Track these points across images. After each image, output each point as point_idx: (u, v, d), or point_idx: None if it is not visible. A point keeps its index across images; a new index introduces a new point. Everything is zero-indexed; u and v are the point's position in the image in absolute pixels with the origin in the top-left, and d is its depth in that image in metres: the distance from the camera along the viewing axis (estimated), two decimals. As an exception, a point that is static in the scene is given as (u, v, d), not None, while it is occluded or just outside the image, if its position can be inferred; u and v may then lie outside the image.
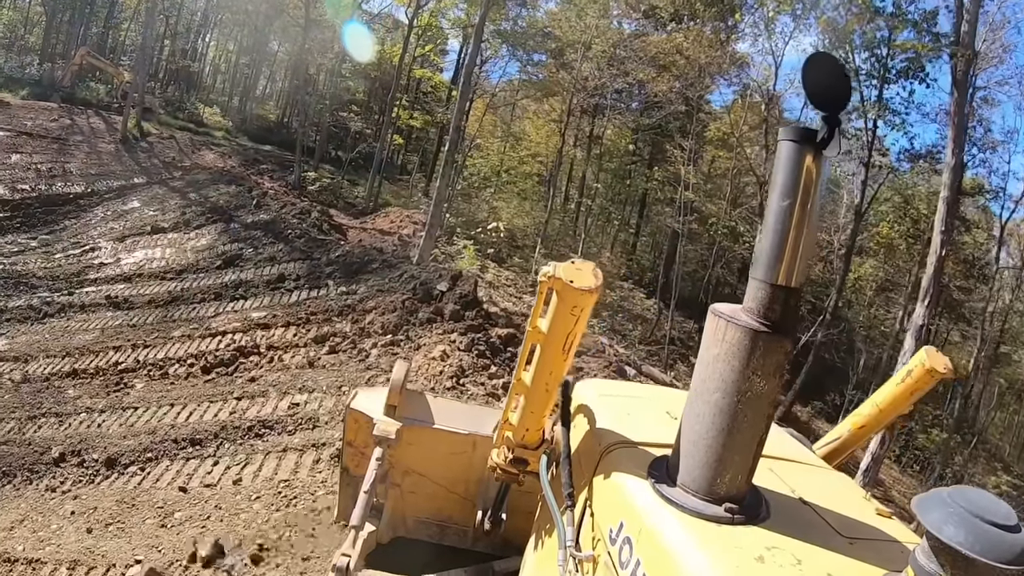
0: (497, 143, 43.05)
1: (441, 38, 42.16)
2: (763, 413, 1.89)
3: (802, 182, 1.83)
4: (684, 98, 31.67)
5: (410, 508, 4.00)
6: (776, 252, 1.87)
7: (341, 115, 39.44)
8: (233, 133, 40.27)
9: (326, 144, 37.43)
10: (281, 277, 14.33)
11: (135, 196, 22.28)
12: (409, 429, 3.63)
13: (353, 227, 25.36)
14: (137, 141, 28.70)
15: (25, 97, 31.00)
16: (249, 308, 13.00)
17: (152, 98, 38.22)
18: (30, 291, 13.96)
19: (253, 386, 9.52)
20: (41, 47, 39.74)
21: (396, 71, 34.08)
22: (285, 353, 10.74)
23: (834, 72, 1.84)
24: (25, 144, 24.88)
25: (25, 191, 21.79)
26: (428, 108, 44.32)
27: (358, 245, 17.29)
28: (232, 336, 11.55)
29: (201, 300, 13.74)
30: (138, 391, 10.07)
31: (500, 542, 3.87)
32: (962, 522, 1.36)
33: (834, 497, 2.26)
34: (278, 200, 20.93)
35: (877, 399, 3.32)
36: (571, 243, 35.31)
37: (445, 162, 20.14)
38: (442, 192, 20.04)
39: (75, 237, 18.47)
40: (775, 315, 1.86)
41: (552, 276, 2.13)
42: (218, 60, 57.64)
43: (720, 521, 1.87)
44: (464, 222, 31.83)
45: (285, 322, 11.94)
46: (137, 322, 12.69)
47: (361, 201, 32.93)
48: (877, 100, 26.22)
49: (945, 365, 3.04)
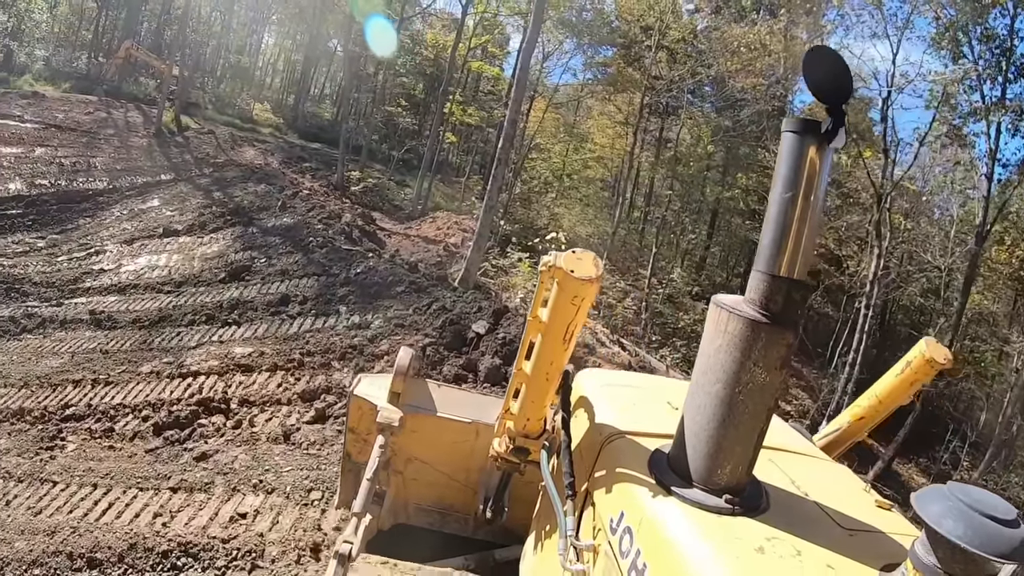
0: (560, 145, 39.49)
1: (499, 27, 39.01)
2: (764, 405, 1.89)
3: (805, 174, 1.82)
4: (771, 96, 28.02)
5: (412, 495, 3.98)
6: (778, 244, 1.85)
7: (388, 110, 36.90)
8: (283, 130, 39.00)
9: (373, 141, 35.18)
10: (285, 299, 11.68)
11: (157, 194, 20.34)
12: (412, 417, 3.61)
13: (396, 233, 22.87)
14: (172, 136, 26.97)
15: (67, 90, 29.99)
16: (238, 339, 10.48)
17: (199, 93, 37.18)
18: (20, 299, 12.64)
19: (199, 470, 6.81)
20: (90, 42, 38.81)
21: (449, 62, 31.04)
22: (260, 413, 8.03)
23: (836, 64, 1.83)
24: (52, 137, 23.45)
25: (44, 186, 20.45)
26: (486, 105, 41.21)
27: (387, 260, 14.40)
28: (204, 380, 9.11)
29: (189, 323, 11.52)
30: (69, 454, 7.82)
31: (501, 531, 3.81)
32: (961, 516, 1.36)
33: (834, 489, 2.27)
34: (307, 202, 18.51)
35: (877, 390, 3.28)
36: (638, 256, 31.77)
37: (497, 161, 17.02)
38: (494, 197, 16.98)
39: (85, 238, 17.02)
40: (776, 307, 1.85)
41: (553, 265, 2.14)
42: (275, 58, 56.68)
43: (720, 512, 1.86)
44: (521, 230, 28.62)
45: (272, 364, 9.25)
46: (111, 348, 10.61)
47: (409, 204, 30.22)
48: (999, 100, 21.48)
49: (945, 356, 3.00)
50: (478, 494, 3.65)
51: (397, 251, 18.83)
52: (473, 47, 35.84)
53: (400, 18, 33.81)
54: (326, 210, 18.21)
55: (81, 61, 37.45)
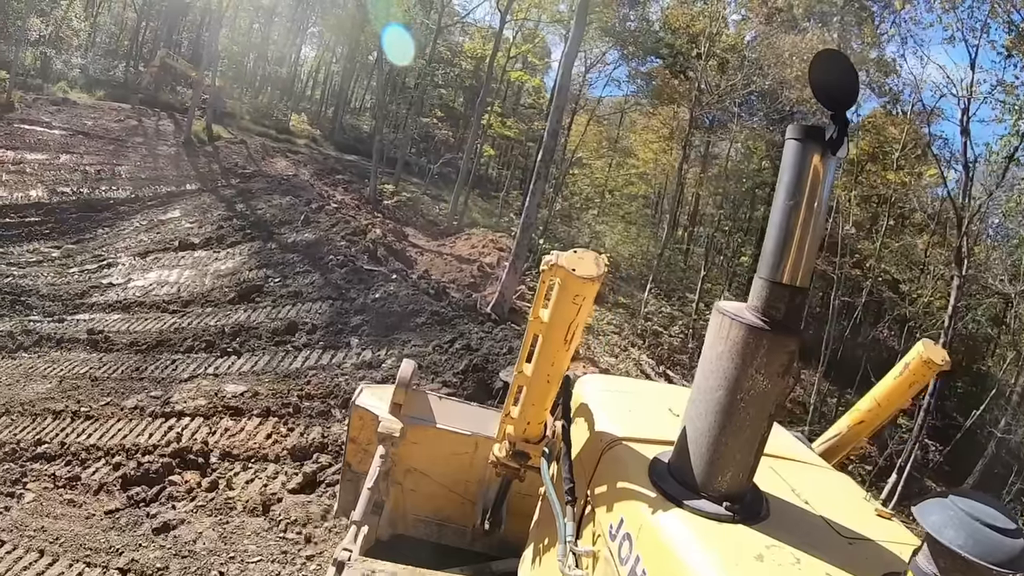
0: (602, 160, 37.70)
1: (539, 37, 37.57)
2: (765, 412, 1.87)
3: (809, 181, 1.81)
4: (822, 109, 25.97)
5: (411, 506, 3.96)
6: (781, 251, 1.84)
7: (424, 120, 35.74)
8: (319, 142, 38.29)
9: (410, 154, 34.08)
10: (292, 327, 10.44)
11: (179, 204, 19.46)
12: (413, 428, 3.60)
13: (428, 250, 21.59)
14: (202, 145, 26.16)
15: (102, 98, 29.53)
16: (234, 372, 9.40)
17: (235, 103, 36.73)
18: (24, 312, 12.22)
19: (155, 548, 5.88)
20: (128, 50, 38.78)
21: (487, 71, 29.70)
22: (241, 472, 6.92)
23: (842, 69, 1.80)
24: (79, 144, 22.86)
25: (65, 194, 19.86)
26: (526, 118, 39.70)
27: (411, 284, 13.04)
28: (187, 423, 8.14)
29: (187, 350, 10.64)
30: (26, 506, 6.93)
31: (498, 543, 3.79)
32: (962, 526, 1.37)
33: (834, 497, 2.27)
34: (332, 216, 17.29)
35: (875, 394, 3.23)
36: (684, 278, 29.80)
37: (537, 175, 15.57)
38: (532, 214, 15.53)
39: (100, 249, 16.59)
40: (779, 314, 1.85)
41: (554, 265, 2.12)
42: (315, 70, 56.49)
43: (720, 519, 1.85)
44: (561, 249, 26.96)
45: (264, 408, 8.02)
46: (101, 374, 9.82)
47: (444, 219, 28.85)
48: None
49: (943, 357, 2.98)
50: (476, 506, 3.69)
51: (427, 271, 17.57)
52: (513, 55, 34.52)
53: (437, 27, 32.73)
54: (351, 225, 17.09)
55: (119, 70, 37.31)
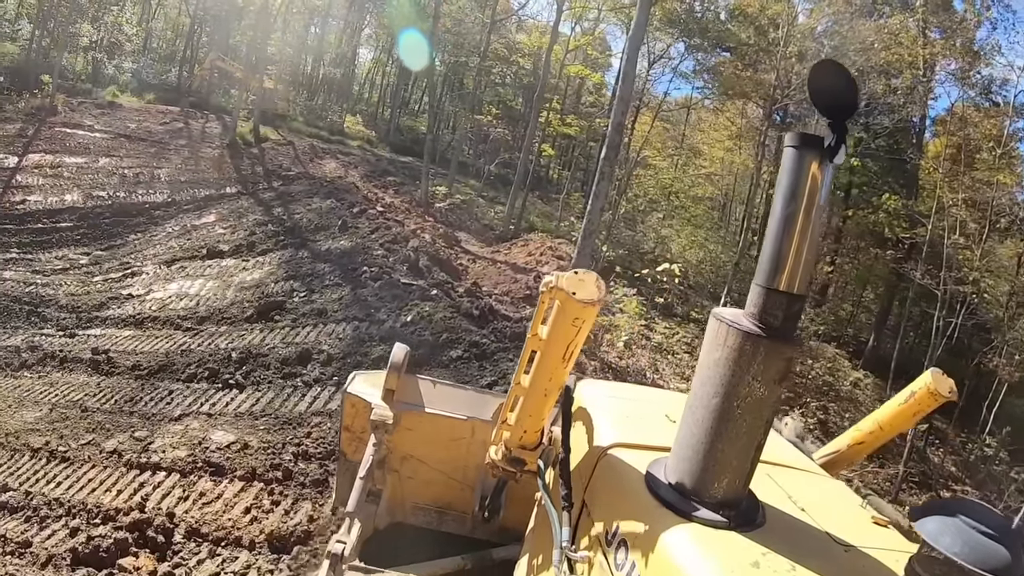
0: (667, 161, 35.17)
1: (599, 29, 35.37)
2: (762, 419, 1.87)
3: (807, 189, 1.81)
4: (910, 102, 23.95)
5: (408, 494, 3.86)
6: (778, 258, 1.85)
7: (478, 118, 34.06)
8: (374, 143, 37.34)
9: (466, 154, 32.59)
10: (305, 356, 8.85)
11: (216, 209, 18.37)
12: (407, 414, 3.53)
13: (481, 257, 19.98)
14: (247, 147, 25.17)
15: (151, 101, 29.10)
16: (230, 413, 8.32)
17: (289, 104, 36.12)
18: (38, 325, 11.65)
19: None
20: (182, 54, 38.69)
21: (544, 65, 27.70)
22: (207, 560, 5.62)
23: (841, 78, 1.80)
24: (120, 147, 22.19)
25: (101, 198, 18.98)
26: (586, 116, 37.44)
27: (450, 305, 11.11)
28: (161, 480, 6.77)
29: (189, 378, 9.29)
30: None
31: (499, 530, 3.73)
32: (958, 532, 1.38)
33: (830, 504, 2.26)
34: (373, 222, 15.72)
35: (879, 417, 3.22)
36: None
37: (600, 175, 13.55)
38: (595, 219, 13.56)
39: (128, 256, 15.89)
40: (776, 321, 1.84)
41: (554, 287, 2.10)
42: (373, 72, 55.99)
43: (716, 526, 1.85)
44: (625, 255, 24.68)
45: (250, 470, 6.91)
46: (93, 404, 8.79)
47: (500, 223, 27.04)
48: None
49: (950, 389, 2.96)
50: (475, 492, 3.64)
51: (476, 283, 15.69)
52: (572, 49, 32.46)
53: (491, 21, 31.03)
54: (392, 232, 15.40)
55: (172, 73, 37.10)
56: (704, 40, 30.69)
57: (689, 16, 30.18)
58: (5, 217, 16.87)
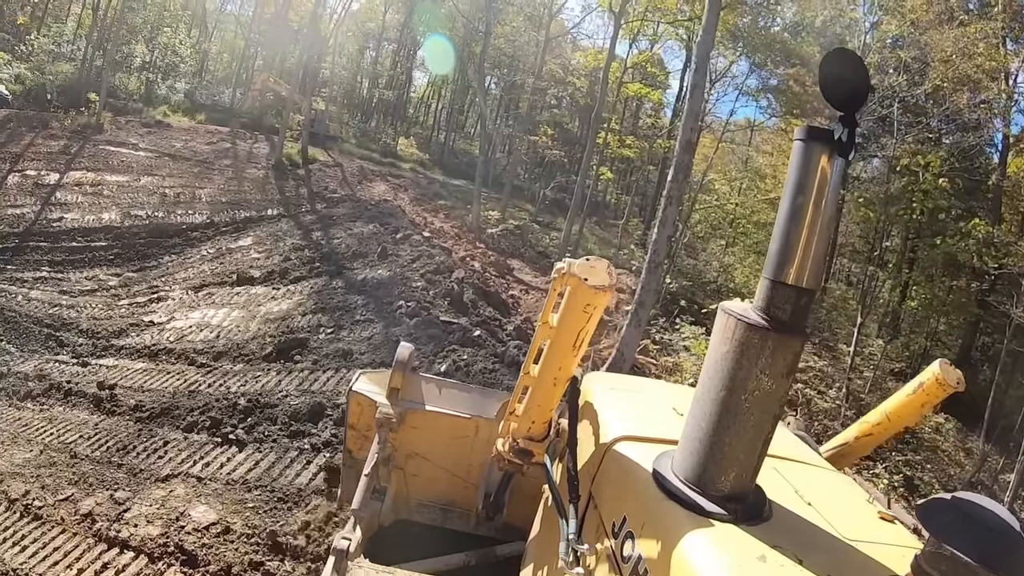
0: (729, 186, 33.14)
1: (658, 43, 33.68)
2: (770, 412, 1.85)
3: (816, 183, 1.78)
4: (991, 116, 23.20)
5: (413, 491, 3.89)
6: (787, 252, 1.82)
7: (532, 139, 32.89)
8: (427, 165, 36.76)
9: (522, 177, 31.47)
10: (318, 411, 7.64)
11: (253, 232, 17.56)
12: (412, 412, 3.56)
13: (534, 288, 18.63)
14: (294, 168, 24.52)
15: (202, 121, 29.00)
16: (221, 479, 7.04)
17: (342, 126, 35.83)
18: (54, 351, 11.23)
19: None
20: (236, 76, 38.96)
21: (601, 82, 26.22)
22: None
23: (853, 68, 1.77)
24: (163, 166, 21.73)
25: (138, 217, 18.21)
26: (646, 138, 35.72)
27: (495, 347, 9.72)
28: (125, 564, 5.69)
29: (188, 427, 8.34)
30: None
31: (503, 526, 3.75)
32: (965, 529, 1.34)
33: (837, 499, 2.22)
34: (416, 248, 14.53)
35: (886, 408, 3.19)
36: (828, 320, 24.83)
37: (667, 200, 11.93)
38: (661, 250, 11.92)
39: (159, 278, 15.37)
40: (785, 315, 1.82)
41: (566, 273, 2.09)
42: (428, 95, 56.08)
43: (723, 519, 1.83)
44: (689, 286, 22.81)
45: (225, 566, 5.56)
46: (83, 449, 8.02)
47: (556, 250, 25.66)
48: None
49: (958, 379, 2.93)
50: (479, 489, 3.60)
51: (528, 319, 14.16)
52: (630, 66, 30.95)
53: (544, 39, 29.90)
54: (435, 260, 14.06)
55: (225, 94, 37.22)
56: (768, 55, 28.81)
57: (752, 29, 28.35)
58: (40, 234, 16.62)
